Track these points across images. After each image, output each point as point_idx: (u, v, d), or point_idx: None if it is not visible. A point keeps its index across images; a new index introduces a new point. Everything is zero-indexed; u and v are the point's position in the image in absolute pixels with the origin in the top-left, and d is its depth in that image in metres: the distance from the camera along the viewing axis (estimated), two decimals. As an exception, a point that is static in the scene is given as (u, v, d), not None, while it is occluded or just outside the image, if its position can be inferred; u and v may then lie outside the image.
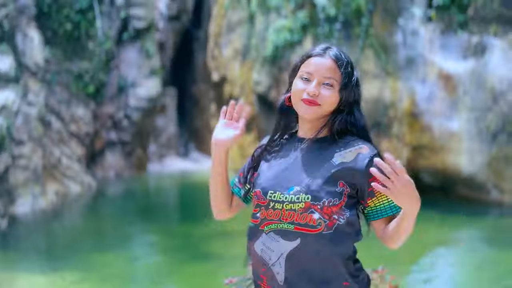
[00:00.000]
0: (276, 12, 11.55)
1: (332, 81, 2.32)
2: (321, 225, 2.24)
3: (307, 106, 2.32)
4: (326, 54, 2.34)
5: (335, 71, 2.33)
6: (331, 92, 2.32)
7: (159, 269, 7.32)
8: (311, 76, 2.33)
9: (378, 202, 2.35)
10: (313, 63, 2.34)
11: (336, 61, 2.33)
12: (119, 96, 12.44)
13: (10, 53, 9.71)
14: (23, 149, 9.61)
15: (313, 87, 2.30)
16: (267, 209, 2.30)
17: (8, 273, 6.87)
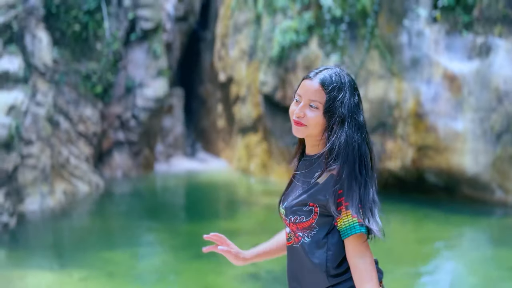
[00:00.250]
0: (282, 13, 11.62)
1: (317, 104, 2.46)
2: (291, 239, 2.52)
3: (296, 126, 2.49)
4: (315, 77, 2.48)
5: (321, 94, 2.45)
6: (315, 113, 2.45)
7: (165, 267, 7.40)
8: (300, 98, 2.49)
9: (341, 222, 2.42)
10: (303, 86, 2.50)
11: (322, 85, 2.45)
12: (127, 97, 12.53)
13: (19, 53, 9.82)
14: (31, 149, 9.71)
15: (299, 109, 2.47)
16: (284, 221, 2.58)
17: (17, 270, 6.97)
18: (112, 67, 12.22)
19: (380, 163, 10.44)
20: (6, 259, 7.51)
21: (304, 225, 2.45)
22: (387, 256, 7.62)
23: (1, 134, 8.57)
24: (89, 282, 6.60)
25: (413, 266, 7.43)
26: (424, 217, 9.48)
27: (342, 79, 2.49)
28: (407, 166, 10.29)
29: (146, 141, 12.80)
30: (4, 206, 8.41)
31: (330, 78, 2.47)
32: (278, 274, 6.84)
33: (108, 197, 11.02)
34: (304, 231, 2.45)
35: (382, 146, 10.42)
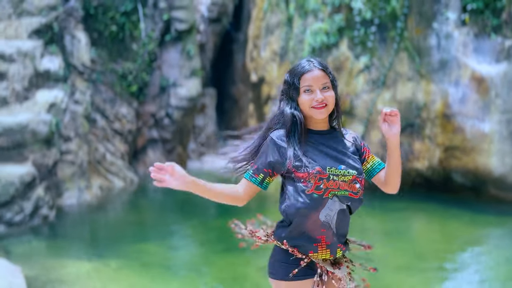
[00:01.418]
0: (313, 15, 11.81)
1: (328, 84, 3.07)
2: (359, 192, 3.08)
3: (319, 110, 3.05)
4: (314, 68, 3.06)
5: (326, 77, 3.07)
6: (330, 92, 3.08)
7: (196, 259, 7.68)
8: (312, 87, 3.05)
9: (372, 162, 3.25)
10: (308, 78, 3.05)
11: (323, 70, 3.07)
12: (161, 96, 12.83)
13: (59, 53, 10.20)
14: (70, 145, 10.09)
15: (319, 94, 3.04)
16: (328, 181, 3.01)
17: (57, 260, 7.31)
18: (147, 67, 12.53)
19: (408, 163, 10.61)
20: (46, 249, 7.86)
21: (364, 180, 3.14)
22: (413, 254, 7.78)
23: (42, 130, 8.95)
24: (124, 271, 6.91)
25: (438, 265, 7.50)
26: (450, 217, 9.57)
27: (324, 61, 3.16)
28: (435, 166, 10.43)
29: (179, 139, 13.09)
30: (44, 199, 8.79)
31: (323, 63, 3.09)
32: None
33: (142, 192, 11.33)
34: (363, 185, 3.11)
35: (410, 147, 10.59)
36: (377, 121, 10.73)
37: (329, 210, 3.02)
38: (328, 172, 3.00)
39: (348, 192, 3.03)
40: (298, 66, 3.09)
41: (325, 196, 3.00)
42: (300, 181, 3.00)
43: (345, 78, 11.19)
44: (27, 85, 9.33)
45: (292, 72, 3.10)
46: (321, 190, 2.99)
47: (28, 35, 9.72)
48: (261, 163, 3.09)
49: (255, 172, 3.10)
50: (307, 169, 2.99)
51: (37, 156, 8.90)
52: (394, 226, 9.17)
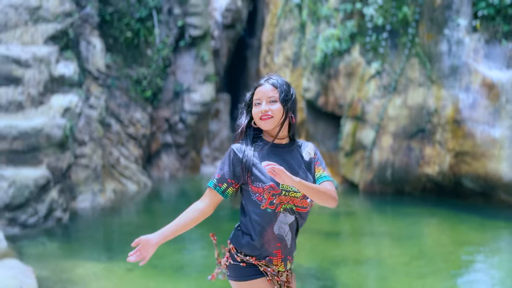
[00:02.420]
0: (325, 21, 11.89)
1: (275, 98, 3.19)
2: (308, 206, 3.21)
3: (265, 121, 3.17)
4: (266, 82, 3.21)
5: (274, 91, 3.19)
6: (276, 105, 3.19)
7: (207, 261, 7.75)
8: (260, 100, 3.20)
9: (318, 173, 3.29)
10: (259, 91, 3.21)
11: (273, 85, 3.20)
12: (175, 101, 12.95)
13: (74, 59, 10.35)
14: (84, 149, 10.24)
15: (264, 106, 3.17)
16: (280, 196, 3.13)
17: (69, 261, 7.42)
18: (161, 73, 12.66)
19: (418, 168, 10.64)
20: (59, 250, 7.98)
21: None
22: (423, 258, 7.79)
23: (57, 134, 9.10)
24: (135, 273, 7.02)
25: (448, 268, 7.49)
26: (460, 222, 9.57)
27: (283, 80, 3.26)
28: (445, 172, 10.46)
29: (193, 144, 13.19)
30: (58, 202, 8.94)
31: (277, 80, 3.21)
32: (315, 270, 7.12)
33: (155, 196, 11.44)
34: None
35: (420, 152, 10.63)
36: (388, 126, 10.84)
37: (282, 223, 3.15)
38: (281, 188, 3.11)
39: (296, 207, 3.15)
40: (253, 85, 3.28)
41: (277, 211, 3.13)
42: (255, 195, 3.14)
43: (356, 84, 11.25)
44: (42, 90, 9.49)
45: (250, 87, 3.29)
46: (273, 205, 3.12)
47: (44, 41, 9.89)
48: (224, 173, 3.19)
49: (219, 182, 3.19)
50: (261, 183, 3.12)
51: (52, 160, 9.06)
52: (404, 231, 9.19)
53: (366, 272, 7.35)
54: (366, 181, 11.04)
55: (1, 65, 9.30)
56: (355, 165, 11.29)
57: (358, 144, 11.19)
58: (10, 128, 8.79)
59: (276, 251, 3.15)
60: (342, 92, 11.46)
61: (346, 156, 11.45)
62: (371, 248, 8.42)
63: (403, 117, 10.73)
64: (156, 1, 12.53)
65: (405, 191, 10.90)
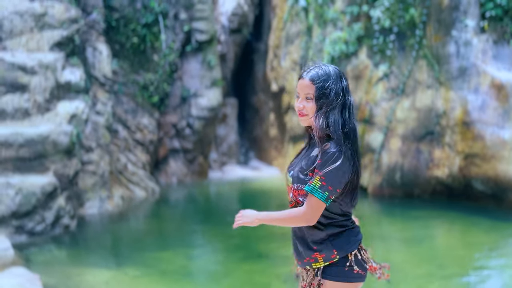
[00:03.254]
0: (332, 24, 11.86)
1: (310, 95, 3.11)
2: (292, 203, 3.20)
3: (300, 117, 3.19)
4: (306, 75, 3.13)
5: (311, 88, 3.10)
6: (311, 103, 3.11)
7: (215, 267, 7.73)
8: (299, 94, 3.17)
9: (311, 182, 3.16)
10: (299, 84, 3.17)
11: (311, 79, 3.10)
12: (182, 106, 12.94)
13: (80, 65, 10.35)
14: (91, 156, 10.23)
15: (299, 102, 3.15)
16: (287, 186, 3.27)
17: (76, 268, 7.40)
18: (168, 78, 12.65)
19: (428, 171, 10.57)
20: (66, 257, 7.96)
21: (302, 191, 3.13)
22: (433, 262, 7.74)
23: (63, 141, 9.08)
24: (142, 280, 6.99)
25: (459, 272, 7.46)
26: (471, 224, 9.51)
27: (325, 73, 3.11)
28: (455, 174, 10.39)
29: (200, 149, 13.17)
30: (65, 209, 8.91)
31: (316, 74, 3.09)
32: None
33: (163, 202, 11.43)
34: (303, 196, 3.13)
35: (429, 154, 10.56)
36: (396, 129, 10.78)
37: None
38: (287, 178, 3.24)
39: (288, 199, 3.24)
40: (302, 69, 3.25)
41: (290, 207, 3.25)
42: None
43: (364, 87, 11.21)
44: (49, 96, 9.48)
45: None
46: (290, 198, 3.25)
47: (49, 48, 9.88)
48: None
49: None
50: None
51: (58, 167, 9.04)
52: (414, 234, 9.13)
53: (376, 277, 7.27)
54: (375, 185, 10.98)
55: (6, 72, 9.29)
56: (364, 169, 11.23)
57: (367, 147, 11.14)
58: (16, 135, 8.77)
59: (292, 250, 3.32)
60: (350, 95, 11.38)
61: (354, 160, 11.37)
62: (381, 252, 8.35)
63: (412, 120, 10.67)
64: (162, 7, 12.53)
65: (415, 194, 10.83)
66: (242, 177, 13.88)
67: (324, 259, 3.15)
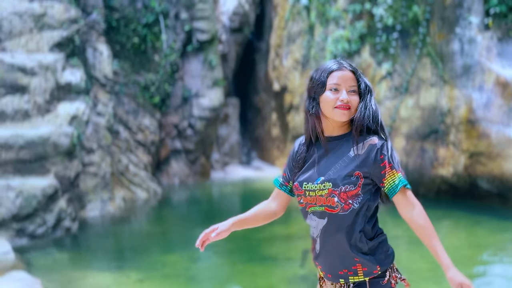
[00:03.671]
0: (334, 22, 11.78)
1: (355, 88, 2.87)
2: (338, 207, 2.81)
3: (343, 111, 2.82)
4: (344, 67, 2.88)
5: (354, 80, 2.88)
6: (356, 97, 2.87)
7: (219, 270, 7.64)
8: (339, 86, 2.85)
9: (388, 186, 2.84)
10: (338, 76, 2.85)
11: (354, 72, 2.89)
12: (183, 106, 12.87)
13: (80, 66, 10.27)
14: (93, 157, 10.14)
15: (344, 94, 2.83)
16: (306, 197, 2.87)
17: (78, 271, 7.32)
18: (169, 78, 12.58)
19: (433, 170, 10.48)
20: (68, 261, 7.88)
21: (352, 193, 2.80)
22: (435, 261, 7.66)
23: (64, 142, 8.99)
24: (145, 283, 6.89)
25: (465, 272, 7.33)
26: (476, 224, 9.44)
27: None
28: (460, 173, 10.30)
29: (202, 150, 13.10)
30: (67, 211, 8.82)
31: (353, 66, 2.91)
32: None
33: (165, 204, 11.35)
34: (353, 198, 2.80)
35: (434, 153, 10.47)
36: (400, 128, 10.68)
37: (312, 227, 2.92)
38: (304, 188, 2.87)
39: (324, 207, 2.82)
40: (326, 64, 2.93)
41: (306, 210, 2.90)
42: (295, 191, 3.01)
43: (367, 85, 11.11)
44: (49, 98, 9.39)
45: (320, 69, 2.92)
46: (302, 204, 2.91)
47: (49, 48, 9.79)
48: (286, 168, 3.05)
49: (285, 180, 3.05)
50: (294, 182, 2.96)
51: (59, 169, 8.95)
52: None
53: None
54: (379, 184, 10.87)
55: (6, 73, 9.20)
56: (368, 168, 11.12)
57: (370, 147, 11.03)
58: (16, 137, 8.68)
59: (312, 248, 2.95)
60: (353, 94, 11.31)
61: (358, 159, 11.29)
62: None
63: (416, 118, 10.58)
64: (162, 6, 12.45)
65: (420, 193, 10.72)
66: (245, 177, 13.80)
67: (365, 273, 2.85)
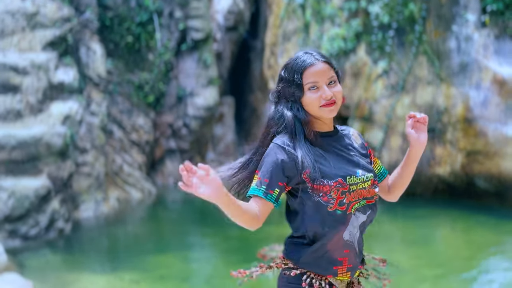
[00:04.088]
0: (330, 21, 11.71)
1: (334, 78, 2.68)
2: (375, 197, 2.73)
3: (330, 108, 2.65)
4: (316, 61, 2.66)
5: (330, 69, 2.67)
6: (337, 87, 2.68)
7: (215, 270, 7.57)
8: (318, 83, 2.65)
9: (378, 168, 2.90)
10: (313, 73, 2.64)
11: (327, 62, 2.68)
12: (178, 106, 12.79)
13: (74, 65, 10.17)
14: (86, 157, 10.04)
15: (327, 90, 2.64)
16: (350, 193, 2.63)
17: (72, 274, 7.25)
18: (163, 77, 12.50)
19: (429, 169, 10.41)
20: (61, 263, 7.80)
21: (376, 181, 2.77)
22: (436, 261, 7.63)
23: (57, 142, 8.90)
24: (140, 285, 6.82)
25: (462, 272, 7.39)
26: (474, 223, 9.39)
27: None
28: (457, 172, 10.24)
29: (197, 149, 13.03)
30: (60, 212, 8.73)
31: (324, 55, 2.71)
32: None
33: (160, 204, 11.27)
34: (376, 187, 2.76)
35: (431, 152, 10.40)
36: (397, 126, 10.61)
37: (353, 228, 2.65)
38: (348, 183, 2.61)
39: (367, 200, 2.66)
40: (296, 61, 2.67)
41: (348, 212, 2.62)
42: (319, 195, 2.59)
43: (363, 84, 11.05)
44: (41, 97, 9.29)
45: (291, 68, 2.68)
46: (344, 205, 2.60)
47: (42, 47, 9.69)
48: (273, 175, 2.59)
49: (269, 188, 2.60)
50: (326, 181, 2.58)
51: (52, 169, 8.85)
52: (416, 234, 9.01)
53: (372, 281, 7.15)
54: (375, 183, 10.80)
55: (-2, 73, 9.10)
56: (364, 167, 11.06)
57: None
58: (8, 137, 8.59)
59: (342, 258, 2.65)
60: (349, 92, 11.26)
61: (354, 158, 11.22)
62: (383, 253, 8.18)
63: (412, 117, 10.50)
64: (156, 5, 12.37)
65: (416, 193, 10.66)
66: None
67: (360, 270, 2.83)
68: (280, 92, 2.73)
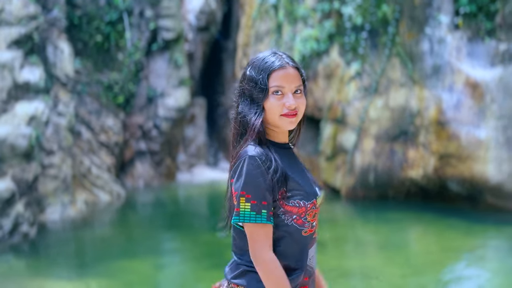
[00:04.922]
0: (303, 21, 11.61)
1: (300, 88, 2.40)
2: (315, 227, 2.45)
3: (291, 119, 2.37)
4: (287, 65, 2.37)
5: (299, 78, 2.40)
6: (302, 99, 2.41)
7: (184, 276, 7.41)
8: (283, 89, 2.36)
9: None
10: (281, 77, 2.36)
11: (297, 68, 2.40)
12: (148, 106, 12.60)
13: (40, 64, 9.92)
14: (53, 159, 9.78)
15: (291, 99, 2.35)
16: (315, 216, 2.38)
17: (36, 280, 7.04)
18: (133, 77, 12.30)
19: (402, 172, 10.35)
20: (25, 268, 7.58)
21: None
22: (409, 266, 7.57)
23: (21, 144, 8.65)
24: (107, 292, 6.63)
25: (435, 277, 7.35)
26: (447, 227, 9.36)
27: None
28: (429, 175, 10.19)
29: (168, 151, 12.84)
30: (24, 216, 8.48)
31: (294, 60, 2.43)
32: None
33: (129, 207, 11.07)
34: None
35: (403, 155, 10.33)
36: (369, 129, 10.52)
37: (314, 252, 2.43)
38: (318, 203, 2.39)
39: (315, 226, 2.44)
40: (264, 60, 2.39)
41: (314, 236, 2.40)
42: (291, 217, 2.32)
43: (336, 85, 10.95)
44: (6, 97, 9.02)
45: (257, 67, 2.38)
46: (312, 229, 2.37)
47: (7, 46, 9.42)
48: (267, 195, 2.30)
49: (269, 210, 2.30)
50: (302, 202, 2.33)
51: (17, 171, 8.60)
52: (389, 238, 8.95)
53: (351, 285, 7.06)
54: (348, 186, 10.71)
55: (-39, 72, 8.82)
56: (337, 170, 10.96)
57: (339, 148, 10.87)
58: (-29, 138, 8.32)
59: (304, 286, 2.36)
60: (321, 94, 11.17)
61: (327, 161, 11.13)
62: (355, 258, 8.15)
63: (385, 119, 10.43)
64: (127, 4, 12.16)
65: (389, 196, 10.60)
66: (211, 179, 13.56)
67: None
68: (243, 90, 2.43)
